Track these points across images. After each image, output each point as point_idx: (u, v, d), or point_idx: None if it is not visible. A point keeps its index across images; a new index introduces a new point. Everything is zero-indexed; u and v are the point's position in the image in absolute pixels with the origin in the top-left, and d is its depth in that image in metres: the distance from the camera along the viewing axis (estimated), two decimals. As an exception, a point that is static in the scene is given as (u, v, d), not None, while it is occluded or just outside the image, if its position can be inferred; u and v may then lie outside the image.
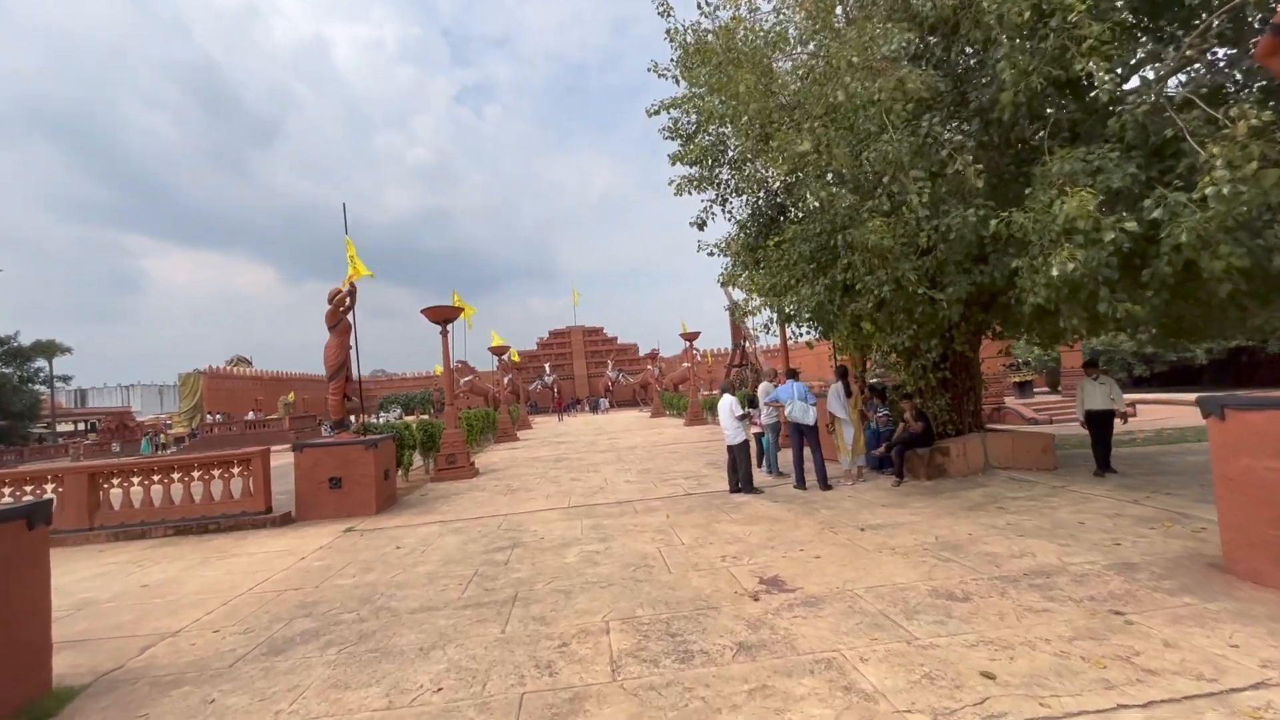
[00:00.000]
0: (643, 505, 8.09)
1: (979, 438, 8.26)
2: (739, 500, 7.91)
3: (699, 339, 28.92)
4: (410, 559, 6.26)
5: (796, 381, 8.55)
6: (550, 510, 8.27)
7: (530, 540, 6.65)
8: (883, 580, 4.46)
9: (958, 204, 6.07)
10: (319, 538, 7.71)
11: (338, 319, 9.59)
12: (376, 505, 9.16)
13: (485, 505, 9.15)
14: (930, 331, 7.57)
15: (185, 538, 8.36)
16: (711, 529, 6.48)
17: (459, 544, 6.75)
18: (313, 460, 9.15)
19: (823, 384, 16.08)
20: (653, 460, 13.07)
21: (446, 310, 13.06)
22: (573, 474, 11.88)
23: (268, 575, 6.08)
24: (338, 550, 6.94)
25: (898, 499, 7.25)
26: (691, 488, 9.15)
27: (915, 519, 6.22)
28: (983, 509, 6.44)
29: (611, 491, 9.40)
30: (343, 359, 9.61)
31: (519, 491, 10.21)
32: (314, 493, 9.08)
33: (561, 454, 16.13)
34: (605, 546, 6.10)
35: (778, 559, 5.21)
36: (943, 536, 5.49)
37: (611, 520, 7.32)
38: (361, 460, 9.20)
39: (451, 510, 8.95)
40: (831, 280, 7.71)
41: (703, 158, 9.59)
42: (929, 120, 5.80)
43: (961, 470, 8.08)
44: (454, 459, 12.72)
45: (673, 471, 11.05)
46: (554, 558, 5.85)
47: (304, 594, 5.34)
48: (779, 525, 6.40)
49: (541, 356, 59.01)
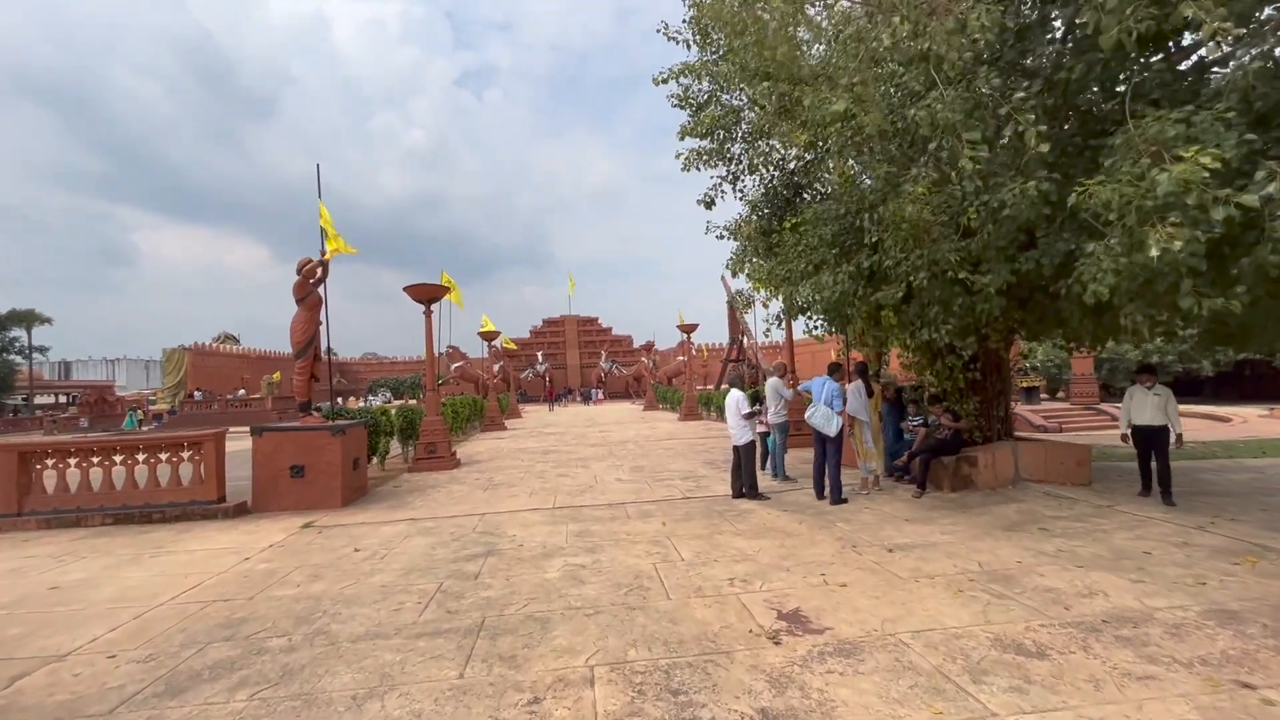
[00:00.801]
0: (636, 509, 7.29)
1: (1009, 447, 7.50)
2: (744, 507, 7.11)
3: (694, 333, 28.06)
4: (367, 565, 5.43)
5: (830, 380, 7.63)
6: (533, 511, 7.45)
7: (507, 547, 5.83)
8: (930, 621, 3.67)
9: (1012, 176, 5.24)
10: (271, 534, 6.86)
11: (306, 291, 8.69)
12: (342, 497, 8.31)
13: (462, 501, 8.32)
14: (965, 327, 6.77)
15: (125, 528, 7.49)
16: (715, 542, 5.68)
17: (426, 548, 5.92)
18: (273, 446, 8.28)
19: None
20: (646, 457, 12.27)
21: (431, 289, 12.17)
22: (560, 469, 11.06)
23: (201, 580, 5.23)
24: (289, 550, 6.10)
25: (923, 513, 6.47)
26: (689, 490, 8.35)
27: (948, 539, 5.44)
28: (1023, 530, 5.67)
29: (601, 491, 8.59)
30: (311, 335, 8.72)
31: (501, 487, 9.38)
32: (273, 482, 8.22)
33: (550, 446, 15.31)
34: (593, 560, 5.28)
35: (796, 585, 4.41)
36: (987, 563, 4.71)
37: (601, 526, 6.51)
38: (327, 448, 8.34)
39: (425, 506, 8.11)
40: (856, 266, 6.89)
41: (714, 129, 8.71)
42: (986, 74, 4.95)
43: (989, 482, 7.32)
44: (434, 448, 11.86)
45: (668, 470, 10.25)
46: (533, 571, 5.03)
47: (234, 607, 4.49)
48: (792, 541, 5.61)
49: (534, 345, 58.04)
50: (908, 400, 8.31)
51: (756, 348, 33.98)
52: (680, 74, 9.28)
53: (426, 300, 12.29)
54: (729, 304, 38.48)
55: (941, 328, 6.47)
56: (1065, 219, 5.65)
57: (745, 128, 8.79)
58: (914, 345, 7.04)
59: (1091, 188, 4.63)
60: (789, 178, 9.04)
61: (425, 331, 12.46)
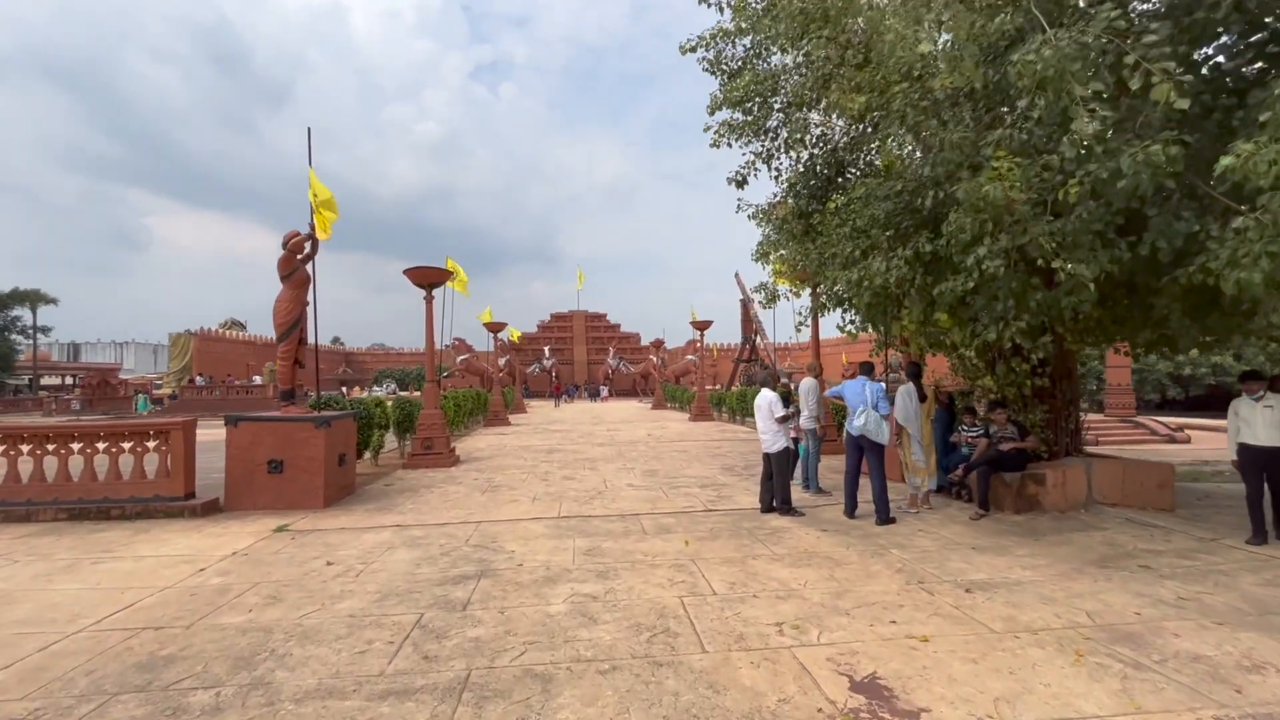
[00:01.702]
0: (652, 522, 6.40)
1: (1081, 464, 6.55)
2: (776, 525, 6.21)
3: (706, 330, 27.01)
4: (338, 585, 4.57)
5: (870, 380, 6.76)
6: (535, 521, 6.57)
7: (504, 567, 4.96)
8: (1059, 705, 2.75)
9: (1128, 141, 4.30)
10: (238, 538, 6.03)
11: (292, 267, 7.85)
12: (324, 497, 7.47)
13: (458, 505, 7.46)
14: (1037, 326, 5.83)
15: (77, 525, 6.67)
16: (750, 569, 4.78)
17: (410, 564, 5.06)
18: (249, 437, 7.44)
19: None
20: (659, 460, 11.38)
21: (432, 272, 11.31)
22: (566, 470, 10.19)
23: (139, 597, 4.39)
24: (252, 561, 5.25)
25: (990, 540, 5.54)
26: (710, 500, 7.45)
27: (1034, 577, 4.52)
28: (1119, 566, 4.74)
29: (612, 498, 7.71)
30: (296, 316, 7.88)
31: (501, 489, 8.52)
32: (248, 477, 7.39)
33: (555, 444, 14.45)
34: (605, 589, 4.39)
35: (864, 637, 3.51)
36: (1098, 614, 3.79)
37: (613, 543, 5.62)
38: (309, 441, 7.50)
39: (415, 510, 7.25)
40: (914, 251, 5.96)
41: (748, 98, 7.79)
42: (1108, 11, 4.02)
43: (1058, 504, 6.38)
44: (431, 444, 11.02)
45: (684, 476, 9.36)
46: (533, 602, 4.15)
47: (165, 640, 3.64)
48: (843, 572, 4.70)
49: (541, 339, 57.29)
50: (961, 408, 7.36)
51: (771, 347, 33.03)
52: (712, 40, 8.37)
53: (427, 285, 11.44)
54: (742, 302, 37.53)
55: (1013, 325, 5.53)
56: (1183, 195, 4.71)
57: (785, 97, 7.85)
58: (975, 345, 6.10)
59: (1244, 149, 3.68)
60: (831, 154, 8.10)
61: (425, 319, 11.61)
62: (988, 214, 4.88)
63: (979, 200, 4.80)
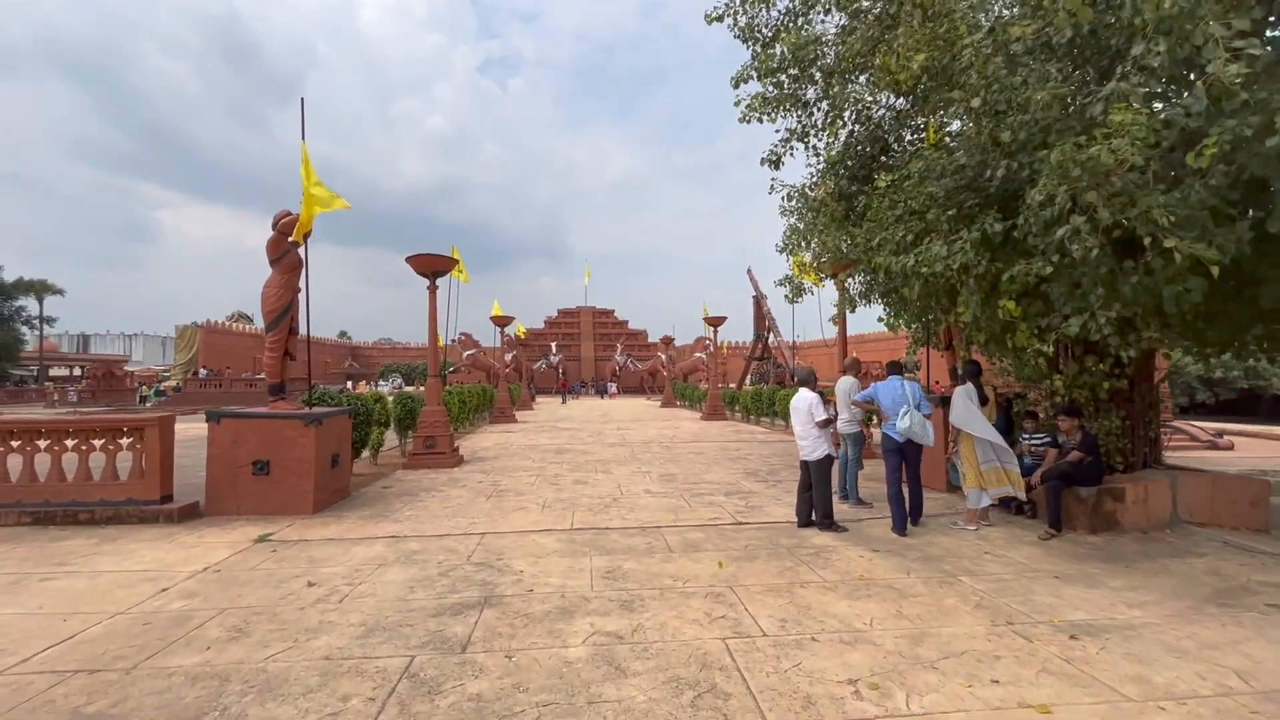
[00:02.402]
0: (677, 537, 5.69)
1: (1165, 478, 5.78)
2: (819, 543, 5.48)
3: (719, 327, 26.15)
4: (316, 614, 3.89)
5: (905, 379, 6.08)
6: (546, 533, 5.87)
7: (512, 592, 4.27)
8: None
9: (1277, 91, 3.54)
10: (213, 550, 5.37)
11: (282, 249, 7.18)
12: (314, 501, 6.80)
13: (460, 512, 6.77)
14: (1127, 319, 5.07)
15: (41, 530, 6.04)
16: (799, 600, 4.06)
17: (403, 587, 4.37)
18: (232, 435, 6.79)
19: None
20: (675, 462, 10.66)
21: (435, 260, 10.63)
22: (577, 473, 9.49)
23: (82, 627, 3.73)
24: (224, 580, 4.58)
25: (1072, 565, 4.79)
26: (739, 511, 6.74)
27: (1144, 616, 3.77)
28: (1241, 604, 3.99)
29: (629, 506, 7.00)
30: (285, 304, 7.20)
31: (508, 495, 7.83)
32: (231, 479, 6.74)
33: (564, 444, 13.76)
34: (632, 625, 3.69)
35: (965, 702, 2.78)
36: (1250, 674, 3.04)
37: (636, 563, 4.91)
38: (299, 440, 6.83)
39: (414, 517, 6.58)
40: (982, 232, 5.22)
41: (783, 66, 7.03)
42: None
43: (1139, 522, 5.62)
44: (433, 442, 10.35)
45: (705, 482, 8.64)
46: (546, 643, 3.45)
47: (97, 688, 2.97)
48: (912, 606, 3.97)
49: (548, 335, 56.65)
50: (1021, 413, 6.60)
51: (784, 345, 32.20)
52: (743, 5, 7.60)
53: (431, 273, 10.76)
54: (755, 299, 36.71)
55: (1099, 316, 4.78)
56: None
57: (826, 65, 7.08)
58: (1050, 340, 5.34)
59: None
60: (875, 131, 7.34)
61: (429, 309, 10.94)
62: (1085, 181, 4.12)
63: (1078, 165, 4.05)
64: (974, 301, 5.87)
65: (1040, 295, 5.72)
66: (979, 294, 5.85)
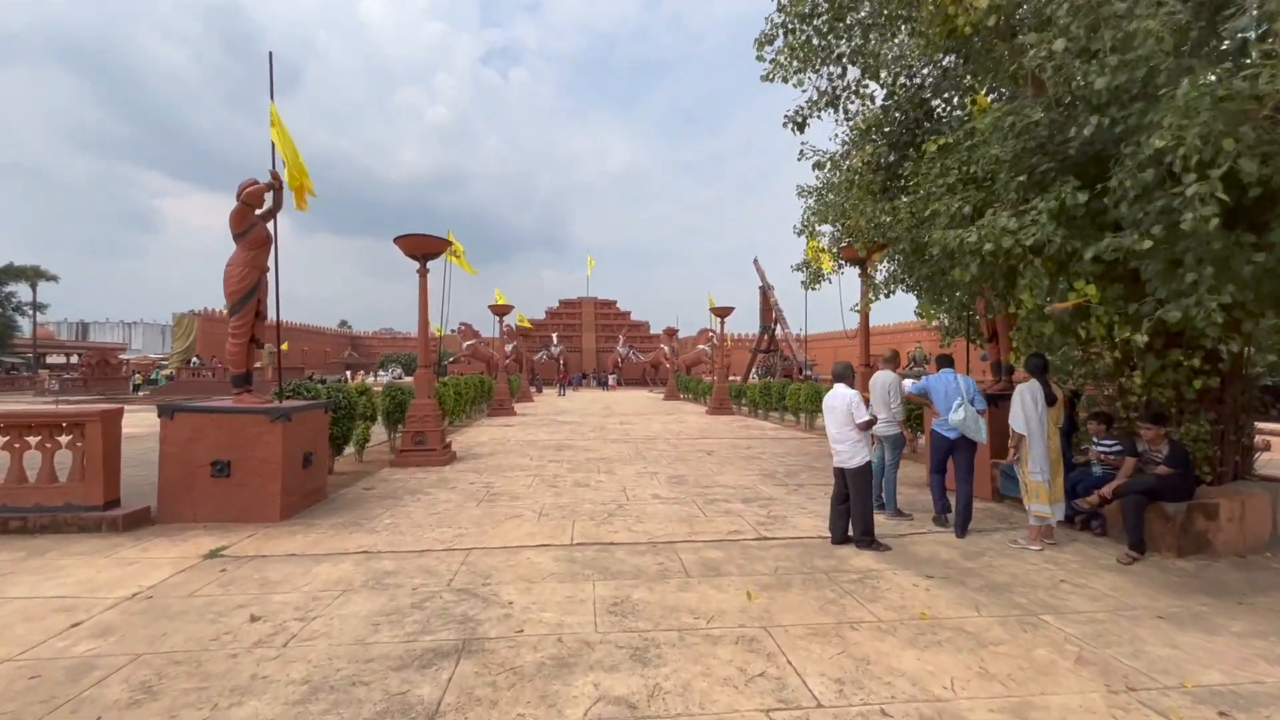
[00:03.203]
0: (694, 556, 4.90)
1: (1265, 492, 4.97)
2: (860, 565, 4.68)
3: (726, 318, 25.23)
4: (250, 666, 3.10)
5: (957, 373, 5.29)
6: (542, 550, 5.08)
7: (497, 632, 3.48)
8: None
9: None
10: (154, 568, 4.59)
11: (247, 223, 6.35)
12: (282, 507, 6.03)
13: (446, 520, 5.99)
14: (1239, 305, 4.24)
15: (-37, 541, 5.27)
16: (853, 648, 3.27)
17: (365, 624, 3.59)
18: (188, 432, 6.00)
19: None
20: (684, 462, 9.87)
21: (425, 241, 9.79)
22: (578, 474, 8.71)
23: (-47, 679, 2.94)
24: (151, 612, 3.80)
25: (1173, 600, 3.99)
26: (761, 522, 5.95)
27: (1297, 680, 2.97)
28: None
29: (636, 515, 6.22)
30: (251, 284, 6.38)
31: (501, 499, 7.05)
32: (187, 481, 5.96)
33: (564, 439, 12.97)
34: (648, 687, 2.89)
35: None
36: None
37: (647, 591, 4.12)
38: (263, 438, 6.05)
39: (392, 527, 5.80)
40: (1060, 200, 4.37)
41: (816, 11, 6.15)
42: None
43: (1234, 543, 4.81)
44: (423, 438, 9.57)
45: (719, 486, 7.84)
46: (537, 712, 2.66)
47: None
48: (997, 660, 3.17)
49: (550, 326, 55.84)
50: (1088, 415, 5.78)
51: (792, 337, 31.35)
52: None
53: (421, 255, 9.94)
54: (761, 289, 35.83)
55: (1208, 302, 3.95)
56: None
57: (861, 17, 6.19)
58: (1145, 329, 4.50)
59: None
60: (916, 94, 6.46)
61: (420, 294, 10.12)
62: (1221, 125, 3.28)
63: (1212, 106, 3.20)
64: (1040, 284, 5.04)
65: (1121, 277, 4.89)
66: (1045, 276, 5.02)
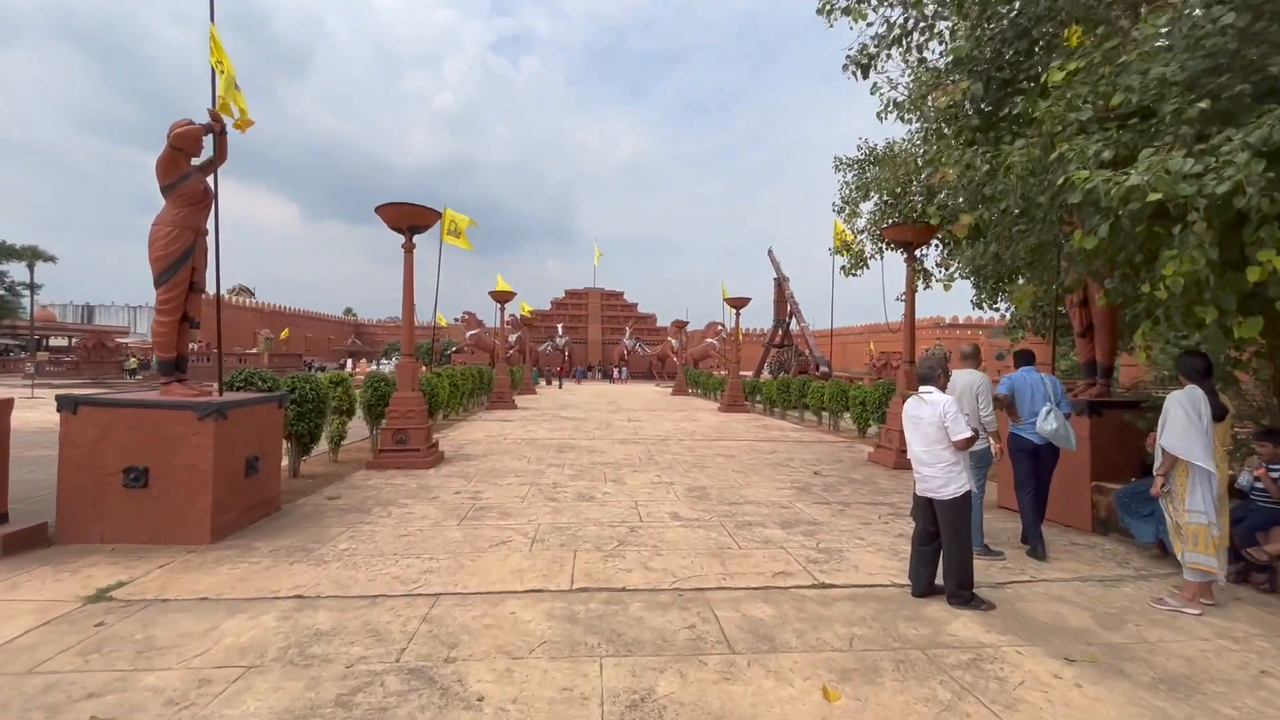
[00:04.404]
0: (733, 612, 3.66)
1: None
2: (966, 636, 3.42)
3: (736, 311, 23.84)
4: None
5: (1040, 371, 4.14)
6: (532, 597, 3.85)
7: (453, 765, 2.25)
8: None
9: None
10: (9, 619, 3.40)
11: (177, 173, 5.11)
12: (215, 525, 4.84)
13: (415, 548, 4.78)
14: None
15: None
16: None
17: (256, 740, 2.38)
18: (95, 430, 4.80)
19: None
20: (702, 468, 8.63)
21: (412, 211, 8.53)
22: (582, 482, 7.49)
23: None
24: (-41, 699, 2.60)
25: None
26: (810, 556, 4.70)
27: None
28: None
29: (654, 543, 4.98)
30: (183, 249, 5.15)
31: (488, 515, 5.83)
32: (93, 493, 4.76)
33: (567, 438, 11.75)
34: None
35: None
36: None
37: (678, 681, 2.88)
38: (191, 439, 4.84)
39: (348, 554, 4.59)
40: (1268, 132, 3.07)
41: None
42: None
43: None
44: (404, 438, 8.37)
45: (748, 501, 6.60)
46: None
47: None
48: None
49: (555, 316, 54.64)
50: (1256, 432, 4.50)
51: (808, 331, 29.97)
52: None
53: (407, 228, 8.69)
54: (776, 281, 34.38)
55: None
56: None
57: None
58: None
59: None
60: (1015, 19, 5.11)
61: (405, 271, 8.88)
62: None
63: None
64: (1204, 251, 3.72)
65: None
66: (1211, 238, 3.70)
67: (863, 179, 9.16)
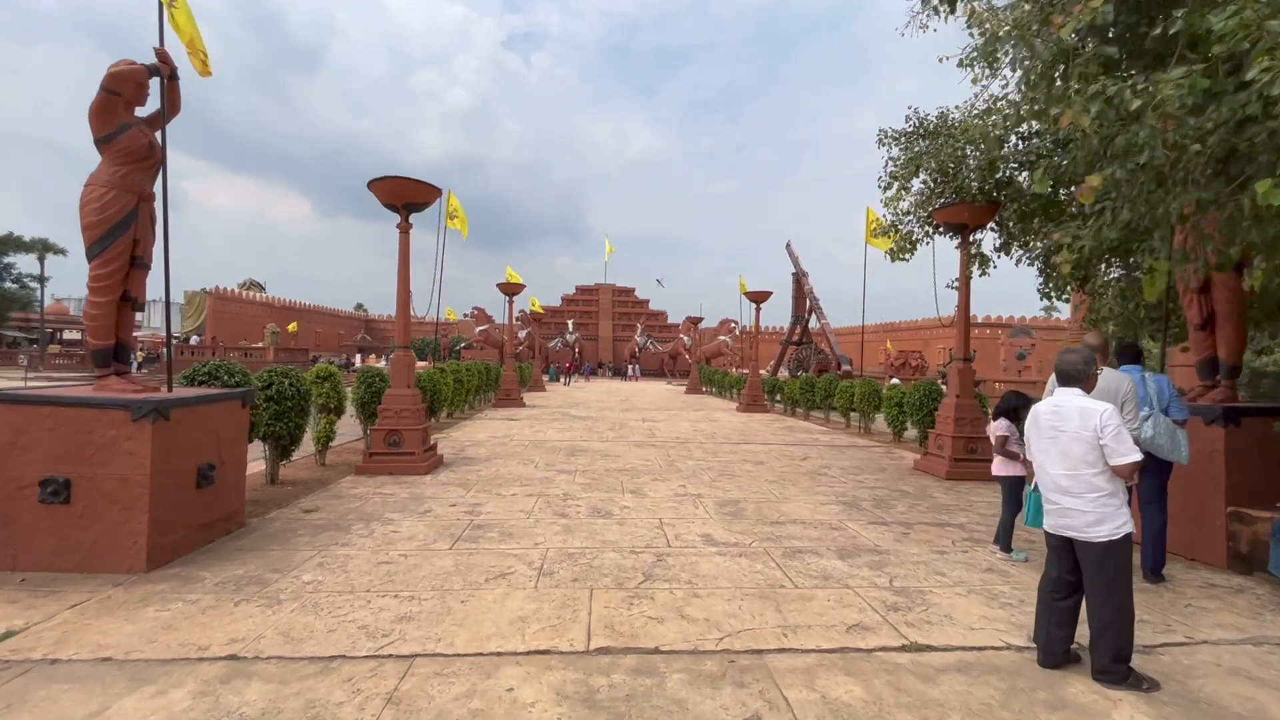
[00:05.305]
0: (809, 695, 2.69)
1: None
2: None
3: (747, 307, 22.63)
4: None
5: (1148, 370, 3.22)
6: (536, 664, 2.90)
7: None
8: None
9: None
10: None
11: (115, 124, 4.22)
12: (153, 549, 3.96)
13: (394, 580, 3.86)
14: None
15: None
16: None
17: None
18: (8, 434, 3.93)
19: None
20: (730, 476, 7.67)
21: (408, 187, 7.61)
22: (595, 492, 6.55)
23: None
24: None
25: None
26: (886, 601, 3.72)
27: None
28: None
29: (687, 576, 4.02)
30: (121, 215, 4.26)
31: (487, 534, 4.91)
32: (2, 509, 3.89)
33: (578, 440, 10.82)
34: None
35: None
36: None
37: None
38: (124, 445, 3.96)
39: (311, 588, 3.68)
40: None
41: None
42: None
43: None
44: (397, 440, 7.47)
45: (790, 519, 5.63)
46: None
47: None
48: None
49: (565, 313, 53.82)
50: None
51: (829, 329, 28.83)
52: None
53: (403, 205, 7.78)
54: (795, 276, 33.25)
55: None
56: None
57: None
58: None
59: None
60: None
61: (400, 253, 7.98)
62: None
63: None
64: None
65: None
66: None
67: (911, 153, 8.13)
